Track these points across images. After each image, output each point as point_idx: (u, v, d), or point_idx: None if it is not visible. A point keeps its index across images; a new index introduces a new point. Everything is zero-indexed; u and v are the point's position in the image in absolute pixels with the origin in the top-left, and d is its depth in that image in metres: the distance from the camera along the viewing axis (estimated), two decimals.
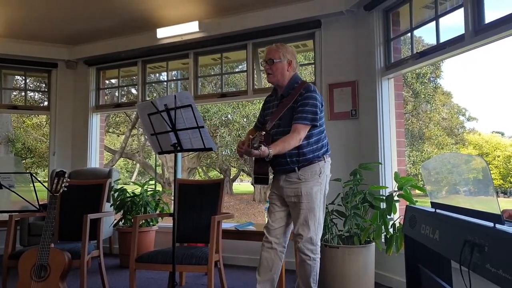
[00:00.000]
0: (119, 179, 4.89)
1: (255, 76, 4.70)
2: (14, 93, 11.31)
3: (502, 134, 20.30)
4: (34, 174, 3.16)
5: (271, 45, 2.68)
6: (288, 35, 4.40)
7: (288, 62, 2.61)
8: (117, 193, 4.46)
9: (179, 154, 5.12)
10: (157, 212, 4.50)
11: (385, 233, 3.18)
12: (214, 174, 18.87)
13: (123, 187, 4.61)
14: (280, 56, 2.60)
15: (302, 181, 2.53)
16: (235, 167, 16.92)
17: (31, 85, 13.29)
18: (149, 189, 4.57)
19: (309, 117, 2.49)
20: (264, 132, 2.25)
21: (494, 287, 1.25)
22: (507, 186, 18.00)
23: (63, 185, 2.76)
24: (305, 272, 2.56)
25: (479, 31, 2.82)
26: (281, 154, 2.47)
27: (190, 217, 3.13)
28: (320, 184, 2.57)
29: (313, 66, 4.40)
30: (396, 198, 3.19)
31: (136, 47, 5.14)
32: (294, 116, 2.49)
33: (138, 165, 18.97)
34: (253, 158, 2.50)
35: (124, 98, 11.87)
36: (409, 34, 3.65)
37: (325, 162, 2.62)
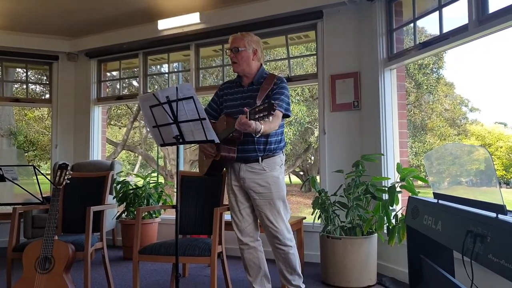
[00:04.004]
0: (122, 172, 4.90)
1: None
2: (16, 85, 11.32)
3: (505, 125, 20.21)
4: (36, 167, 3.16)
5: (236, 33, 2.65)
6: (290, 26, 4.37)
7: (253, 51, 2.59)
8: (120, 185, 4.48)
9: (181, 146, 5.11)
10: (160, 204, 4.52)
11: (387, 224, 3.19)
12: None
13: (125, 179, 4.62)
14: (245, 44, 2.57)
15: (267, 171, 2.52)
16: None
17: (32, 78, 13.28)
18: (151, 181, 4.58)
19: (284, 106, 2.48)
20: (249, 109, 2.16)
21: (496, 277, 1.26)
22: (509, 177, 17.98)
23: (66, 177, 2.77)
24: (290, 262, 2.56)
25: (483, 20, 2.80)
26: (250, 140, 2.48)
27: (193, 209, 3.14)
28: (282, 174, 2.61)
29: (315, 57, 4.38)
30: (398, 189, 3.20)
31: (137, 39, 5.12)
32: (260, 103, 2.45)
33: (140, 157, 19.00)
34: (220, 139, 2.47)
35: (126, 90, 11.86)
36: (411, 25, 3.62)
37: (283, 155, 2.65)
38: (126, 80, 9.53)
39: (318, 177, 4.15)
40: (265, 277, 2.66)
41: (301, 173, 17.38)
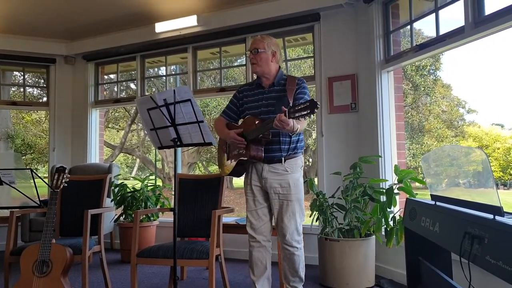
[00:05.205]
0: (119, 174, 4.89)
1: None
2: (13, 89, 11.29)
3: (502, 126, 20.26)
4: (34, 170, 3.15)
5: (256, 36, 2.72)
6: (287, 28, 4.38)
7: (272, 53, 2.63)
8: (118, 188, 4.47)
9: (179, 149, 5.11)
10: (158, 207, 4.51)
11: (385, 226, 3.19)
12: (214, 168, 18.88)
13: (123, 182, 4.61)
14: (265, 46, 2.62)
15: (288, 173, 2.56)
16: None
17: (29, 81, 13.24)
18: (149, 184, 4.58)
19: None
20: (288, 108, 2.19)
21: (494, 278, 1.26)
22: (506, 178, 18.02)
23: (63, 180, 2.76)
24: (294, 263, 2.59)
25: (479, 22, 2.81)
26: (275, 140, 2.51)
27: (191, 211, 3.14)
28: (302, 176, 2.65)
29: (312, 59, 4.39)
30: (396, 191, 3.20)
31: (135, 42, 5.12)
32: (294, 103, 2.47)
33: (138, 160, 18.98)
34: (248, 139, 2.51)
35: (123, 93, 11.82)
36: (408, 27, 3.64)
37: (302, 155, 2.69)
38: (124, 83, 9.53)
39: (316, 179, 4.15)
40: (267, 279, 2.69)
41: None
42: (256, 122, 2.50)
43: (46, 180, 3.86)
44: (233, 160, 2.66)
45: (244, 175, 2.75)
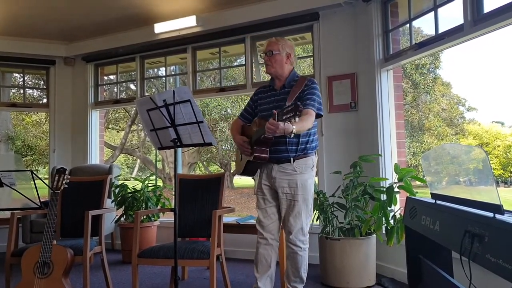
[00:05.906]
0: (120, 175, 4.89)
1: (254, 69, 4.69)
2: (13, 90, 11.29)
3: (502, 124, 20.25)
4: (34, 172, 3.16)
5: (271, 38, 2.75)
6: (286, 28, 4.38)
7: (286, 55, 2.67)
8: (118, 189, 4.47)
9: (179, 149, 5.11)
10: (158, 207, 4.51)
11: (385, 225, 3.19)
12: (214, 168, 18.90)
13: (124, 183, 4.62)
14: (279, 48, 2.66)
15: (297, 173, 2.58)
16: (235, 161, 16.90)
17: (29, 83, 13.25)
18: (150, 185, 4.58)
19: (316, 106, 2.54)
20: (278, 111, 2.22)
21: (494, 276, 1.26)
22: (507, 176, 18.02)
23: (64, 182, 2.76)
24: (296, 263, 2.61)
25: (478, 20, 2.81)
26: (281, 141, 2.53)
27: (192, 211, 3.14)
28: (312, 177, 2.67)
29: (312, 58, 4.39)
30: (396, 189, 3.20)
31: (134, 43, 5.12)
32: (301, 102, 2.48)
33: (138, 160, 18.98)
34: (252, 140, 2.56)
35: (123, 94, 11.84)
36: (407, 25, 3.64)
37: (315, 156, 2.71)
38: (124, 83, 9.55)
39: (316, 179, 4.15)
40: (270, 278, 2.71)
41: None
42: (258, 124, 2.53)
43: (46, 181, 3.86)
44: (244, 160, 2.73)
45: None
